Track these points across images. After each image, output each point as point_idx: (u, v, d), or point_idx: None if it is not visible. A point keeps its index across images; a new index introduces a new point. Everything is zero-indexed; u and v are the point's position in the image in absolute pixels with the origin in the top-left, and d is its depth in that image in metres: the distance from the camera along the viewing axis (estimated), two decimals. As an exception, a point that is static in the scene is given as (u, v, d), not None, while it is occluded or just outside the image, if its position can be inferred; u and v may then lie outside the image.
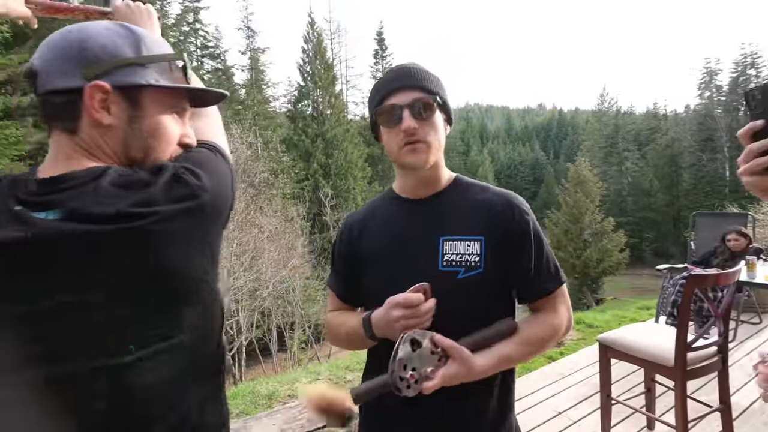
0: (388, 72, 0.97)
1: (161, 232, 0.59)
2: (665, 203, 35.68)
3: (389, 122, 0.92)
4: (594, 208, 22.96)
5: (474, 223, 0.93)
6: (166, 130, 0.70)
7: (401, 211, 1.00)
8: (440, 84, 0.96)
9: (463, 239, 0.92)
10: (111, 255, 0.57)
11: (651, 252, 34.91)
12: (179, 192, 0.63)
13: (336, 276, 1.10)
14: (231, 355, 10.97)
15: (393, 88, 0.92)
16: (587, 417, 2.69)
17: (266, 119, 22.82)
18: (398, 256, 0.96)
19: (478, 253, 0.91)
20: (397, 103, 0.90)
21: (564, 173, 35.66)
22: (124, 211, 0.57)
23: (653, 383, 2.45)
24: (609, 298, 20.87)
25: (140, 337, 0.60)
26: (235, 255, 10.32)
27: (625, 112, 43.13)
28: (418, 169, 0.93)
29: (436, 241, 0.93)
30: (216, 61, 23.83)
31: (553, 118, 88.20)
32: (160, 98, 0.69)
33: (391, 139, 0.93)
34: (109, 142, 0.66)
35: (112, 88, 0.63)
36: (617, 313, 6.11)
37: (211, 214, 0.67)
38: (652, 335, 2.19)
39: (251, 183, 12.26)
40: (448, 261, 0.91)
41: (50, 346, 0.57)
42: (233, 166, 0.80)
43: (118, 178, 0.61)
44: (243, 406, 3.50)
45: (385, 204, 1.05)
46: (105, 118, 0.64)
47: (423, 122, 0.90)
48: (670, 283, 3.94)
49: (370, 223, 1.03)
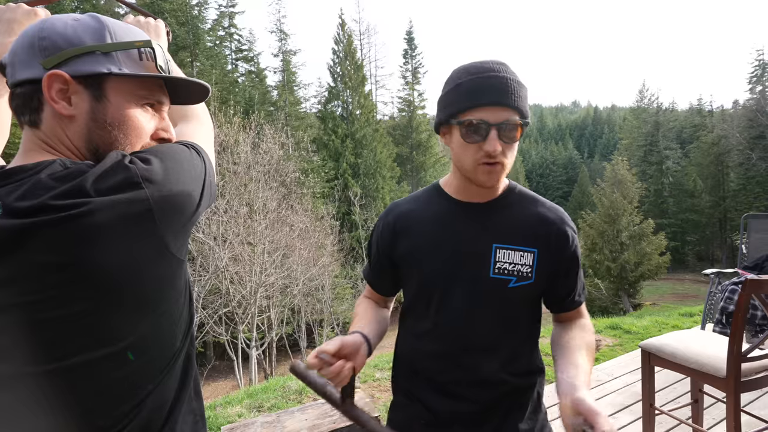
0: (476, 76, 0.87)
1: (87, 226, 0.53)
2: (710, 205, 33.76)
3: (471, 136, 0.86)
4: (632, 209, 22.00)
5: (528, 234, 0.94)
6: (135, 122, 0.66)
7: (454, 212, 0.97)
8: (527, 98, 0.90)
9: (516, 249, 0.92)
10: (31, 251, 0.52)
11: (694, 256, 33.20)
12: (117, 179, 0.56)
13: (372, 266, 1.09)
14: (262, 350, 11.24)
15: (485, 102, 0.85)
16: (627, 427, 2.56)
17: (297, 120, 23.25)
18: (447, 255, 0.94)
19: (530, 265, 0.92)
20: (487, 120, 0.84)
21: (599, 173, 34.47)
22: (46, 203, 0.52)
23: (701, 394, 2.31)
24: (648, 304, 19.97)
25: (68, 344, 0.54)
26: (267, 252, 10.55)
27: (666, 108, 40.97)
28: (487, 187, 0.93)
29: (489, 248, 0.92)
30: (249, 64, 24.47)
31: (588, 116, 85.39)
32: (126, 88, 0.65)
33: (467, 153, 0.88)
34: (72, 135, 0.63)
35: (71, 78, 0.60)
36: (657, 319, 5.83)
37: (163, 206, 0.59)
38: (699, 343, 2.06)
39: (283, 182, 12.50)
40: (500, 269, 0.92)
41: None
42: (212, 169, 0.73)
43: (60, 170, 0.57)
44: (274, 400, 3.56)
45: (434, 200, 1.01)
46: (65, 109, 0.61)
47: (506, 145, 0.87)
48: (718, 289, 3.71)
49: (417, 217, 1.00)
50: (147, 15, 0.89)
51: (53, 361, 0.54)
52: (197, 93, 0.75)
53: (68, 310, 0.53)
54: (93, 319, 0.55)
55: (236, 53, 24.27)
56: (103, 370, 0.57)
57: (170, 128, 0.72)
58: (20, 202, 0.53)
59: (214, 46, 22.70)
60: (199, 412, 0.71)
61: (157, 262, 0.60)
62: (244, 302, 10.28)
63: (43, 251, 0.52)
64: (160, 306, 0.61)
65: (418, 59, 29.01)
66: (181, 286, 0.66)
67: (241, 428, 1.86)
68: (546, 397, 1.04)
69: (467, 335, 0.93)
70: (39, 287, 0.52)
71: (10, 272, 0.52)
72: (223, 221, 10.38)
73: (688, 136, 40.16)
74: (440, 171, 26.37)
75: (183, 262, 0.65)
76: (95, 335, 0.55)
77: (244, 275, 10.25)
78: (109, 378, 0.57)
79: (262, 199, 11.22)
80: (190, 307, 0.70)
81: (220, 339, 10.47)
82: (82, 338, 0.55)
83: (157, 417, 0.62)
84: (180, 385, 0.66)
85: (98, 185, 0.55)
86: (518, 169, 51.45)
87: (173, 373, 0.65)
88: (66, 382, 0.55)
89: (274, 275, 10.70)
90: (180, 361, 0.66)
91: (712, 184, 34.28)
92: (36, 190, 0.54)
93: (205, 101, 0.82)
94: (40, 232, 0.52)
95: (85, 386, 0.56)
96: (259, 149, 11.90)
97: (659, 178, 35.51)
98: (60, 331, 0.54)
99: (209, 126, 0.86)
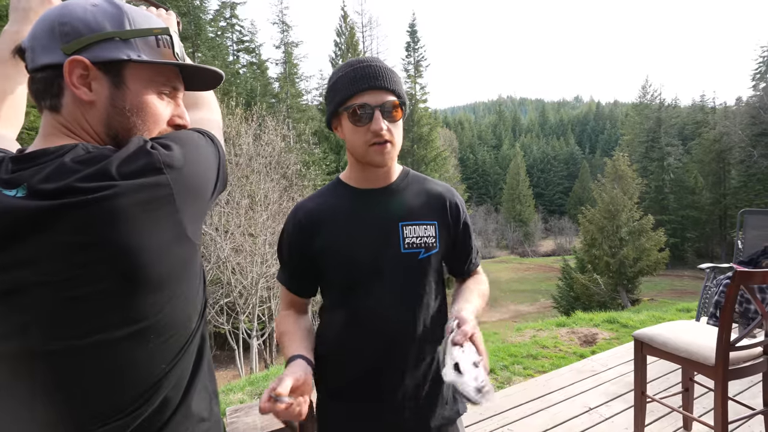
0: (353, 67, 0.96)
1: (112, 208, 0.54)
2: (711, 201, 33.75)
3: (358, 120, 0.95)
4: (632, 205, 21.99)
5: (427, 208, 1.05)
6: (152, 109, 0.67)
7: (357, 200, 1.04)
8: (402, 83, 1.02)
9: (420, 223, 1.03)
10: (58, 231, 0.53)
11: (693, 252, 33.23)
12: (140, 164, 0.58)
13: (287, 270, 1.09)
14: (263, 340, 11.34)
15: (364, 87, 0.94)
16: (619, 414, 2.64)
17: (299, 112, 23.20)
18: (359, 242, 1.00)
19: (433, 235, 1.04)
20: (369, 103, 0.93)
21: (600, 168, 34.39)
22: (72, 185, 0.54)
23: (692, 383, 2.38)
24: (646, 299, 20.07)
25: (89, 323, 0.56)
26: (268, 243, 10.61)
27: (668, 104, 40.77)
28: (381, 167, 1.00)
29: (396, 226, 1.01)
30: (251, 56, 24.37)
31: (590, 111, 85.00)
32: (144, 75, 0.66)
33: (358, 137, 0.96)
34: (91, 121, 0.64)
35: (91, 64, 0.61)
36: (654, 313, 5.89)
37: (183, 191, 0.61)
38: (692, 333, 2.12)
39: (284, 174, 12.53)
40: (409, 243, 1.01)
41: (9, 322, 0.55)
42: (224, 156, 0.75)
43: (83, 154, 0.58)
44: (276, 387, 3.65)
45: (338, 193, 1.07)
46: (85, 94, 0.62)
47: (392, 124, 0.96)
48: (713, 283, 3.76)
49: (325, 210, 1.04)
50: (158, 6, 0.91)
51: (74, 339, 0.55)
52: (210, 80, 0.76)
53: (90, 290, 0.54)
54: (114, 300, 0.56)
55: (238, 44, 24.18)
56: (123, 349, 0.58)
57: (185, 115, 0.73)
58: (45, 184, 0.54)
59: (216, 36, 22.60)
60: (213, 390, 0.74)
61: (176, 245, 0.61)
62: (245, 293, 10.37)
63: (68, 232, 0.53)
64: (178, 288, 0.62)
65: (421, 52, 28.88)
66: (196, 268, 0.67)
67: (245, 410, 1.92)
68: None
69: (390, 314, 1.00)
70: (62, 267, 0.53)
71: (33, 252, 0.53)
72: (225, 212, 10.44)
73: (690, 132, 40.03)
74: (441, 165, 26.35)
75: (198, 246, 0.67)
76: (116, 315, 0.56)
77: (245, 266, 10.33)
78: (129, 357, 0.59)
79: (264, 190, 11.26)
80: (203, 290, 0.71)
81: (221, 329, 10.57)
82: (103, 318, 0.56)
83: (174, 395, 0.64)
84: (195, 364, 0.68)
85: (122, 169, 0.56)
86: (519, 164, 51.37)
87: (189, 352, 0.66)
88: (87, 360, 0.56)
89: (275, 266, 10.76)
90: (195, 342, 0.68)
91: (713, 181, 34.25)
92: (61, 173, 0.55)
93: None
94: (66, 213, 0.53)
95: (104, 365, 0.57)
96: (260, 141, 11.92)
97: (660, 175, 35.46)
98: (81, 310, 0.55)
99: (218, 113, 0.88)
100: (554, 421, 2.60)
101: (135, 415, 0.59)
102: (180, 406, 0.65)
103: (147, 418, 0.61)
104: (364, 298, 1.01)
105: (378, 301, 1.00)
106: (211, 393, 0.73)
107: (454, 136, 57.85)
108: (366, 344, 1.02)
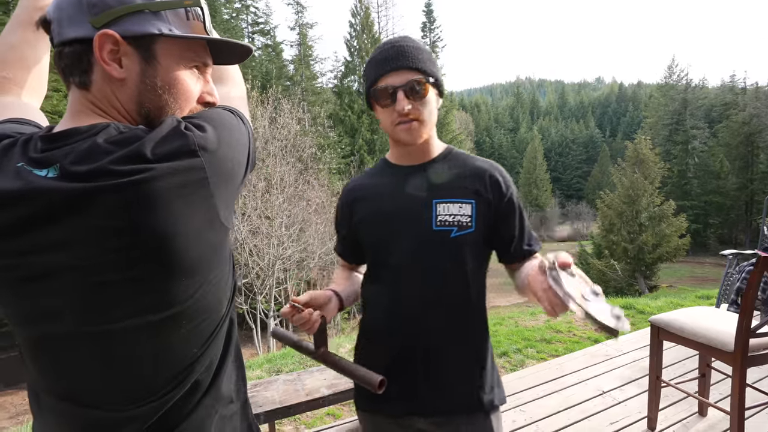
0: (380, 50, 1.00)
1: (148, 192, 0.52)
2: (736, 187, 32.64)
3: (383, 102, 0.98)
4: (653, 190, 21.43)
5: (465, 187, 1.02)
6: (184, 86, 0.64)
7: (395, 177, 1.08)
8: (432, 60, 1.01)
9: (455, 201, 1.01)
10: (91, 215, 0.51)
11: (716, 239, 32.37)
12: (175, 146, 0.56)
13: (339, 240, 1.22)
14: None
15: (387, 69, 0.96)
16: (633, 398, 2.64)
17: (314, 95, 23.14)
18: (393, 218, 1.04)
19: (469, 215, 1.01)
20: (392, 84, 0.96)
21: (621, 152, 33.47)
22: (106, 167, 0.52)
23: (709, 369, 2.36)
24: (664, 286, 19.74)
25: (122, 307, 0.54)
26: (284, 226, 10.76)
27: (695, 85, 39.17)
28: (410, 145, 1.02)
29: (429, 204, 1.01)
30: (266, 38, 24.25)
31: (612, 93, 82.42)
32: (175, 50, 0.62)
33: (386, 117, 1.00)
34: (122, 98, 0.61)
35: (122, 38, 0.58)
36: (672, 300, 5.81)
37: (217, 174, 0.59)
38: (710, 319, 2.10)
39: (299, 158, 12.58)
40: (441, 221, 1.00)
41: (40, 304, 0.54)
42: (253, 135, 0.73)
43: (116, 134, 0.56)
44: (292, 365, 3.75)
45: (379, 171, 1.13)
46: (116, 71, 0.59)
47: (416, 102, 0.96)
48: (735, 270, 3.69)
49: (366, 189, 1.11)
50: None
51: (105, 324, 0.54)
52: (239, 54, 0.72)
53: (123, 275, 0.53)
54: (147, 285, 0.55)
55: (252, 26, 24.07)
56: (156, 334, 0.57)
57: (214, 91, 0.70)
58: (78, 165, 0.52)
59: (231, 19, 22.51)
60: (241, 374, 0.74)
61: (209, 231, 0.59)
62: (262, 274, 10.59)
63: (102, 216, 0.51)
64: (210, 273, 0.60)
65: (437, 32, 28.31)
66: (227, 253, 0.65)
67: (264, 384, 1.99)
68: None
69: (415, 289, 1.02)
70: (96, 252, 0.52)
71: (66, 235, 0.51)
72: (242, 195, 10.58)
73: (717, 114, 38.47)
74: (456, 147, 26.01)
75: (229, 231, 0.65)
76: (149, 301, 0.55)
77: (262, 248, 10.52)
78: (162, 342, 0.58)
79: (280, 173, 11.35)
80: (233, 274, 0.70)
81: (239, 309, 10.85)
82: (135, 303, 0.55)
83: (205, 378, 0.64)
84: (225, 347, 0.68)
85: (156, 151, 0.54)
86: (536, 147, 50.38)
87: (219, 336, 0.65)
88: (119, 345, 0.56)
89: (291, 248, 10.94)
90: (225, 325, 0.67)
91: (739, 166, 33.06)
92: (94, 154, 0.53)
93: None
94: (100, 196, 0.51)
95: (138, 350, 0.57)
96: (276, 124, 11.96)
97: (684, 159, 34.36)
98: (114, 296, 0.54)
99: (243, 89, 0.85)
100: (567, 403, 2.62)
101: (168, 397, 0.60)
102: (210, 388, 0.65)
103: (179, 400, 0.61)
104: (391, 272, 1.04)
105: (403, 277, 1.03)
106: (239, 375, 0.73)
107: (470, 119, 56.99)
108: (388, 318, 1.06)
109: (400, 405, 1.05)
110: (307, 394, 1.88)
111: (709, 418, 2.38)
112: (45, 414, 0.61)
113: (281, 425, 2.67)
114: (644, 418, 2.35)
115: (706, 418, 2.39)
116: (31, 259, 0.53)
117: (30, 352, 0.59)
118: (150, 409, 0.59)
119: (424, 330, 1.03)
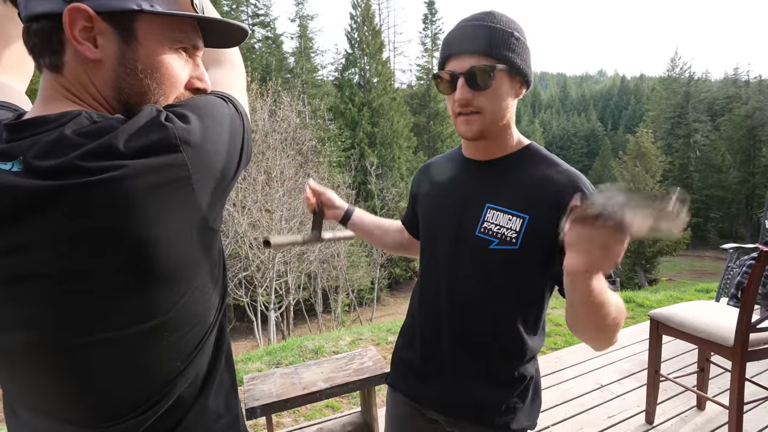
0: (456, 27, 0.88)
1: (119, 192, 0.46)
2: (738, 181, 32.55)
3: (446, 89, 0.88)
4: (654, 184, 21.44)
5: (524, 198, 0.88)
6: (169, 70, 0.57)
7: (459, 170, 1.01)
8: (511, 43, 0.84)
9: (506, 212, 0.89)
10: (58, 217, 0.45)
11: (716, 233, 32.36)
12: (152, 139, 0.49)
13: (406, 210, 1.24)
14: (280, 312, 11.66)
15: (454, 52, 0.85)
16: (632, 392, 2.64)
17: (314, 87, 23.03)
18: (444, 211, 1.00)
19: (516, 230, 0.87)
20: (454, 70, 0.85)
21: (622, 146, 33.37)
22: (73, 163, 0.46)
23: (708, 363, 2.35)
24: (664, 279, 19.78)
25: (100, 319, 0.49)
26: (284, 219, 10.76)
27: (698, 78, 38.92)
28: (469, 139, 0.91)
29: (481, 206, 0.92)
30: (266, 30, 24.05)
31: (614, 86, 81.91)
32: (159, 29, 0.55)
33: (449, 105, 0.90)
34: (98, 83, 0.54)
35: (95, 13, 0.51)
36: (672, 294, 5.80)
37: (201, 171, 0.53)
38: (710, 313, 2.09)
39: (299, 151, 12.56)
40: (485, 229, 0.90)
41: (4, 313, 0.49)
42: (249, 125, 0.65)
43: (87, 125, 0.50)
44: (292, 357, 3.76)
45: (452, 157, 1.07)
46: (90, 51, 0.52)
47: (479, 92, 0.84)
48: (736, 264, 3.67)
49: (436, 171, 1.08)
50: None
51: (78, 336, 0.49)
52: (233, 36, 0.66)
53: (96, 284, 0.48)
54: (122, 295, 0.49)
55: (253, 18, 23.85)
56: (133, 348, 0.52)
57: (205, 77, 0.63)
58: (43, 160, 0.46)
59: (231, 10, 22.31)
60: (231, 383, 0.69)
61: (193, 234, 0.53)
62: (262, 267, 10.61)
63: (69, 218, 0.45)
64: (195, 280, 0.55)
65: (438, 24, 28.06)
66: (216, 257, 0.60)
67: (261, 378, 1.99)
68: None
69: (449, 288, 0.96)
70: (61, 258, 0.46)
71: (32, 237, 0.45)
72: (242, 188, 10.57)
73: (720, 108, 38.23)
74: (457, 141, 25.91)
75: (218, 233, 0.59)
76: (125, 312, 0.50)
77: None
78: (139, 356, 0.53)
79: (280, 166, 11.33)
80: (223, 278, 0.63)
81: (240, 302, 10.89)
82: (110, 315, 0.49)
83: (190, 393, 0.59)
84: (212, 359, 0.62)
85: (131, 144, 0.48)
86: (538, 140, 50.17)
87: (206, 347, 0.60)
88: (92, 358, 0.51)
89: (291, 242, 10.94)
90: (213, 334, 0.61)
91: (741, 159, 32.94)
92: (60, 147, 0.47)
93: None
94: (66, 196, 0.45)
95: (114, 364, 0.52)
96: (276, 117, 11.91)
97: (686, 152, 34.23)
98: (85, 306, 0.48)
99: (243, 73, 0.76)
100: (565, 396, 2.62)
101: (147, 415, 0.55)
102: (195, 404, 0.60)
103: (160, 417, 0.56)
104: (433, 263, 1.00)
105: (441, 272, 0.98)
106: (229, 386, 0.67)
107: (472, 111, 56.58)
108: (422, 307, 1.04)
109: (425, 396, 1.03)
110: (303, 387, 1.88)
111: (708, 412, 2.38)
112: (21, 426, 0.58)
113: (280, 417, 2.69)
114: (642, 412, 2.35)
115: (704, 412, 2.39)
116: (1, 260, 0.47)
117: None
118: (128, 426, 0.54)
119: (444, 332, 0.99)
